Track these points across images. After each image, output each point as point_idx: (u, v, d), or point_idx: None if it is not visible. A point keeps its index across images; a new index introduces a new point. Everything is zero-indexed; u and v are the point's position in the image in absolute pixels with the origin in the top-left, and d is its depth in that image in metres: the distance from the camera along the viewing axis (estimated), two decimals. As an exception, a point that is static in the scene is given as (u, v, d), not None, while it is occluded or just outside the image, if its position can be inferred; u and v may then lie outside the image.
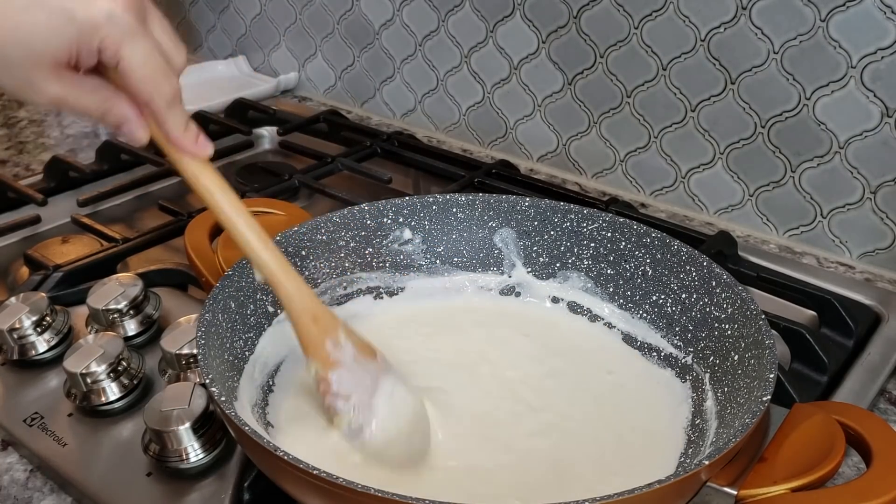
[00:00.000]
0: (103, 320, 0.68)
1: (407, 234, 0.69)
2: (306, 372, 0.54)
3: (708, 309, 0.60)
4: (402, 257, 0.69)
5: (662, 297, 0.63)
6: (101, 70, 0.48)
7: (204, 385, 0.56)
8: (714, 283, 0.59)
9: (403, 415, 0.55)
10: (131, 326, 0.68)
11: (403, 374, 0.58)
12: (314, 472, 0.42)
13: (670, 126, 0.93)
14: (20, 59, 0.45)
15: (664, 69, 0.90)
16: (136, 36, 0.47)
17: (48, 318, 0.67)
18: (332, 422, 0.54)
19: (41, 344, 0.67)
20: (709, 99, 0.89)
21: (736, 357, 0.55)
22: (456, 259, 0.70)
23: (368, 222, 0.68)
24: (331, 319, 0.55)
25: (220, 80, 1.29)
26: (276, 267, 0.53)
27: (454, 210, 0.69)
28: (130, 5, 0.46)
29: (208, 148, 0.52)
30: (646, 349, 0.64)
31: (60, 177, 0.96)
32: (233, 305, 0.58)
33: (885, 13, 0.75)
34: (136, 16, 0.46)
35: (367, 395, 0.54)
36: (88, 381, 0.61)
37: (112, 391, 0.62)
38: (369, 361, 0.56)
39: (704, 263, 0.61)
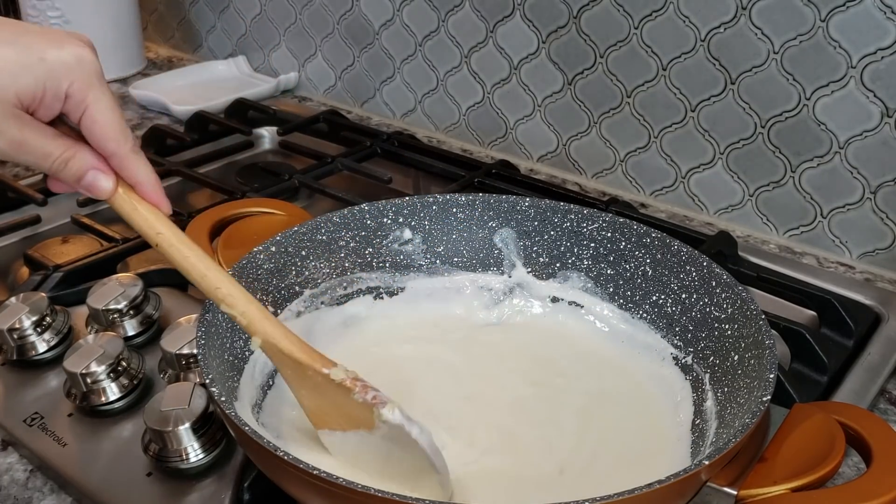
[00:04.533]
0: (103, 320, 0.68)
1: (407, 234, 0.69)
2: (330, 382, 0.51)
3: (708, 309, 0.60)
4: (402, 257, 0.69)
5: (662, 297, 0.63)
6: (56, 123, 0.47)
7: (204, 385, 0.56)
8: (714, 283, 0.59)
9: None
10: (131, 326, 0.68)
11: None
12: (314, 472, 0.42)
13: (670, 126, 0.93)
14: None
15: (664, 69, 0.90)
16: (102, 82, 0.47)
17: (48, 318, 0.67)
18: (380, 414, 0.50)
19: (41, 344, 0.67)
20: (709, 99, 0.89)
21: (736, 357, 0.55)
22: (456, 259, 0.70)
23: (368, 222, 0.68)
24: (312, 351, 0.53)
25: (220, 80, 1.28)
26: (258, 313, 0.52)
27: (454, 210, 0.69)
28: (95, 52, 0.46)
29: (169, 206, 0.51)
30: (645, 349, 0.64)
31: (60, 177, 0.96)
32: (233, 305, 0.58)
33: (885, 13, 0.75)
34: (99, 63, 0.47)
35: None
36: (88, 381, 0.61)
37: (112, 391, 0.62)
38: None
39: (704, 263, 0.61)
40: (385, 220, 0.68)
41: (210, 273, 0.52)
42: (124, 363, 0.62)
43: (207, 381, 0.48)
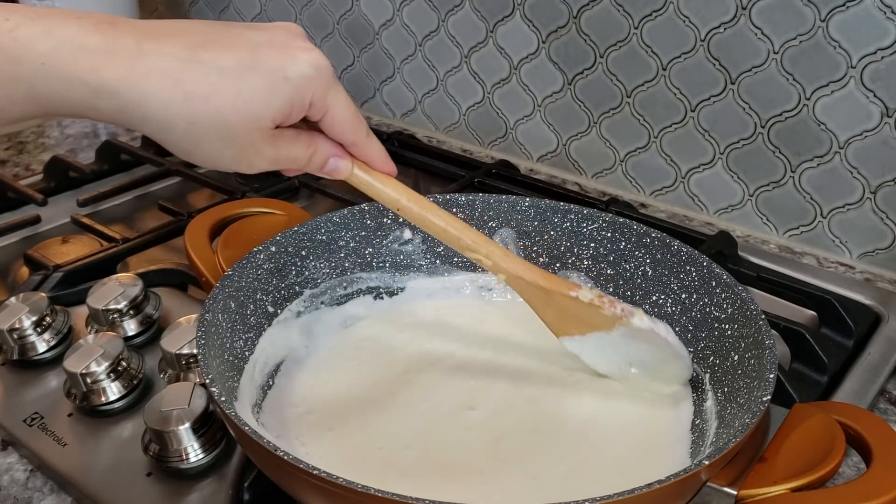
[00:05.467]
0: (103, 320, 0.68)
1: (407, 234, 0.69)
2: (579, 303, 0.58)
3: (708, 309, 0.60)
4: (402, 257, 0.69)
5: (662, 297, 0.63)
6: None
7: (204, 385, 0.57)
8: (714, 283, 0.59)
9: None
10: (131, 326, 0.68)
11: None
12: (314, 472, 0.42)
13: (670, 126, 0.93)
14: (244, 126, 0.46)
15: (664, 69, 0.90)
16: (335, 83, 0.49)
17: (48, 318, 0.67)
18: (627, 322, 0.57)
19: (41, 344, 0.67)
20: (709, 99, 0.89)
21: (736, 357, 0.55)
22: (456, 259, 0.70)
23: (368, 222, 0.68)
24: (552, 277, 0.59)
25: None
26: (499, 254, 0.57)
27: (454, 210, 0.69)
28: (320, 51, 0.48)
29: (394, 168, 0.55)
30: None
31: (60, 177, 0.96)
32: (233, 305, 0.58)
33: (885, 13, 0.75)
34: (328, 62, 0.48)
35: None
36: (88, 381, 0.61)
37: (112, 391, 0.62)
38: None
39: (704, 263, 0.61)
40: (385, 220, 0.68)
41: (450, 227, 0.56)
42: (124, 363, 0.63)
43: (207, 381, 0.48)
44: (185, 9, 1.40)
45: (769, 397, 0.48)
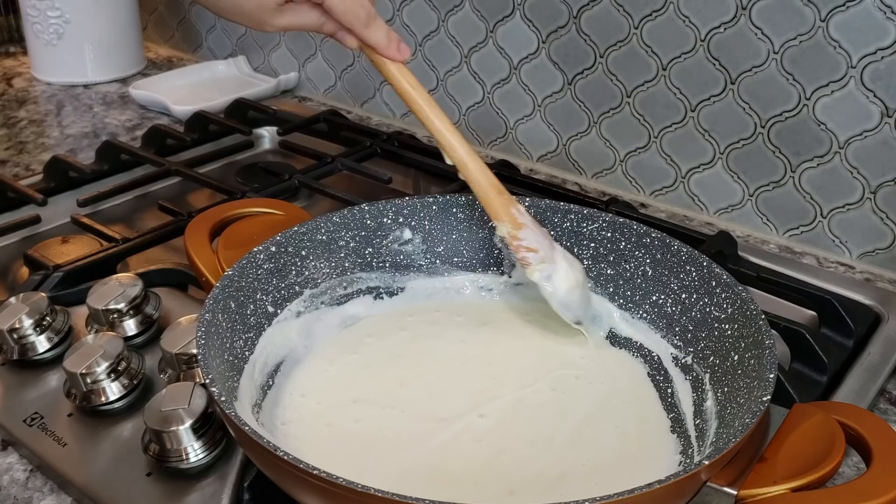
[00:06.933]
0: (103, 320, 0.68)
1: (407, 234, 0.69)
2: (496, 236, 0.65)
3: (708, 309, 0.60)
4: (402, 257, 0.69)
5: (662, 297, 0.63)
6: None
7: (204, 385, 0.56)
8: (714, 283, 0.59)
9: (577, 269, 0.64)
10: (131, 326, 0.68)
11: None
12: (314, 472, 0.42)
13: (670, 126, 0.93)
14: (252, 8, 0.61)
15: (664, 69, 0.90)
16: None
17: (48, 318, 0.67)
18: (524, 272, 0.64)
19: (41, 344, 0.67)
20: (709, 99, 0.89)
21: (736, 357, 0.55)
22: (456, 259, 0.70)
23: (368, 222, 0.68)
24: (509, 195, 0.64)
25: (220, 80, 1.29)
26: (463, 152, 0.63)
27: (454, 210, 0.69)
28: None
29: (407, 52, 0.64)
30: (645, 349, 0.64)
31: (60, 177, 0.96)
32: (233, 305, 0.58)
33: (885, 13, 0.75)
34: None
35: (549, 251, 0.64)
36: (88, 381, 0.61)
37: (112, 391, 0.62)
38: (542, 227, 0.65)
39: (704, 263, 0.61)
40: (385, 220, 0.68)
41: (437, 121, 0.64)
42: (124, 363, 0.62)
43: (207, 381, 0.48)
44: (185, 9, 1.40)
45: (769, 397, 0.48)
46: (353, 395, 0.60)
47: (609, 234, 0.66)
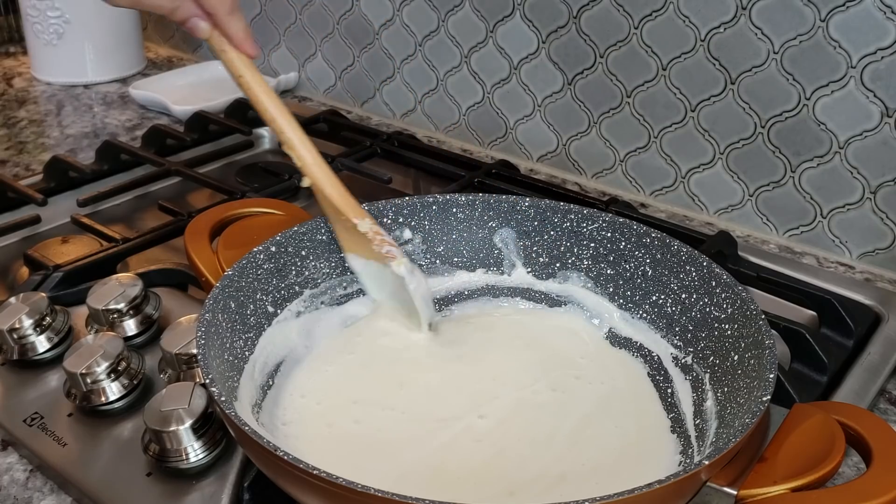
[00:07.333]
0: (103, 320, 0.68)
1: (407, 234, 0.69)
2: (356, 232, 0.63)
3: (708, 309, 0.60)
4: (402, 257, 0.69)
5: (662, 297, 0.63)
6: None
7: (204, 385, 0.56)
8: (714, 283, 0.59)
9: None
10: (131, 326, 0.68)
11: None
12: (314, 472, 0.42)
13: (670, 126, 0.93)
14: None
15: (664, 69, 0.90)
16: None
17: (48, 318, 0.67)
18: (388, 264, 0.63)
19: (41, 344, 0.67)
20: (709, 99, 0.89)
21: (736, 357, 0.55)
22: (456, 259, 0.70)
23: (368, 222, 0.68)
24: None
25: (220, 80, 1.28)
26: (310, 155, 0.64)
27: (454, 210, 0.69)
28: None
29: (258, 50, 0.63)
30: (645, 349, 0.64)
31: (60, 177, 0.96)
32: (233, 305, 0.58)
33: (885, 13, 0.75)
34: None
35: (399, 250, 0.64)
36: (88, 381, 0.61)
37: (112, 391, 0.62)
38: None
39: (704, 263, 0.61)
40: (385, 220, 0.68)
41: (279, 118, 0.63)
42: (124, 363, 0.62)
43: (207, 381, 0.48)
44: (185, 9, 1.40)
45: (769, 397, 0.48)
46: (354, 396, 0.60)
47: (609, 234, 0.66)
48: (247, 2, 1.30)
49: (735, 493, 0.46)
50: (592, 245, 0.67)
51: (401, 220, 0.68)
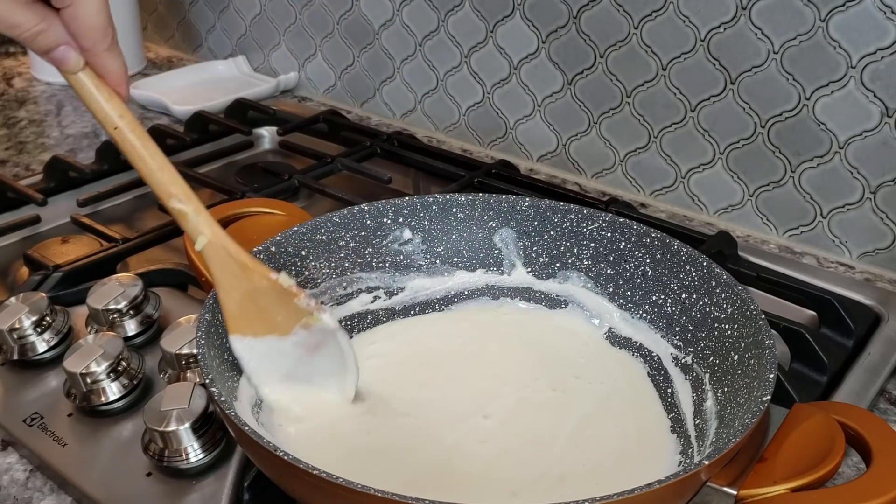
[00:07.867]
0: (103, 320, 0.68)
1: (407, 234, 0.69)
2: (276, 287, 0.55)
3: (708, 309, 0.60)
4: (402, 257, 0.69)
5: (662, 297, 0.63)
6: None
7: (204, 385, 0.56)
8: (714, 283, 0.59)
9: None
10: (131, 326, 0.68)
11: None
12: (314, 471, 0.42)
13: (670, 126, 0.93)
14: None
15: (664, 69, 0.90)
16: None
17: (48, 318, 0.67)
18: (316, 318, 0.56)
19: (41, 344, 0.67)
20: (709, 99, 0.89)
21: (736, 357, 0.55)
22: (456, 259, 0.70)
23: (368, 222, 0.68)
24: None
25: (220, 80, 1.28)
26: (208, 228, 0.54)
27: (454, 210, 0.69)
28: None
29: (128, 91, 0.51)
30: (645, 349, 0.64)
31: (60, 177, 0.96)
32: (233, 305, 0.58)
33: (885, 13, 0.75)
34: None
35: None
36: (88, 381, 0.61)
37: (112, 391, 0.62)
38: None
39: (704, 263, 0.61)
40: (385, 220, 0.68)
41: (162, 170, 0.53)
42: (124, 363, 0.62)
43: (207, 381, 0.48)
44: (185, 9, 1.40)
45: (769, 397, 0.48)
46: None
47: (609, 234, 0.66)
48: (247, 2, 1.30)
49: (735, 493, 0.46)
50: (592, 245, 0.67)
51: (401, 220, 0.68)
